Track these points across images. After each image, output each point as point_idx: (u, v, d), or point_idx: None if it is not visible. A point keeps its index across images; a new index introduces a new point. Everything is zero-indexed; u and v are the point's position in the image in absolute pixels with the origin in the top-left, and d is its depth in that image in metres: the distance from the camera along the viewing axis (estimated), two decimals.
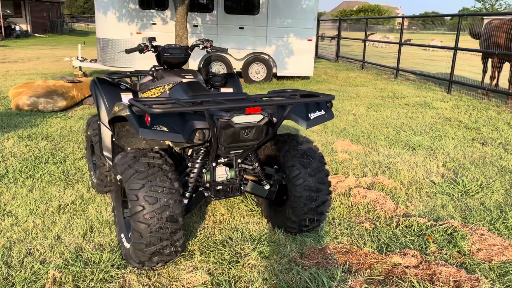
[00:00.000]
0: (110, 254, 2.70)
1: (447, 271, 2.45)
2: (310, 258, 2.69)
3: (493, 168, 4.55)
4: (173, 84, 3.18)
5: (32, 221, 3.16)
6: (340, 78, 11.57)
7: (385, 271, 2.55)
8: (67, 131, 5.63)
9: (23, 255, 2.70)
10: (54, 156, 4.60)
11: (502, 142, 5.56)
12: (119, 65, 10.45)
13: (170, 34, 10.32)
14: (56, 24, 34.08)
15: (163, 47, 3.41)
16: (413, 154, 4.97)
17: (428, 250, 2.79)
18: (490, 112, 7.40)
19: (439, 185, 4.02)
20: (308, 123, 2.70)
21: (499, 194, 3.85)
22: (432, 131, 6.05)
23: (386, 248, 2.83)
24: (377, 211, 3.39)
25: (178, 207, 2.45)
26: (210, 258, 2.70)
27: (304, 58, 10.69)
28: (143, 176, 2.42)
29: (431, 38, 28.32)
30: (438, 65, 16.26)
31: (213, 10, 10.24)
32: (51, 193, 3.67)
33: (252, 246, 2.82)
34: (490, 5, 61.82)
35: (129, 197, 2.41)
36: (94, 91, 3.43)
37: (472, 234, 2.96)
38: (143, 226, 2.36)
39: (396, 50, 24.23)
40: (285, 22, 10.46)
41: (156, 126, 2.30)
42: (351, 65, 15.21)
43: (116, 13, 10.15)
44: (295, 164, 2.86)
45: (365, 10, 76.53)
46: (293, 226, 2.95)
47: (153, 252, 2.43)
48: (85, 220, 3.18)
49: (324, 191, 2.88)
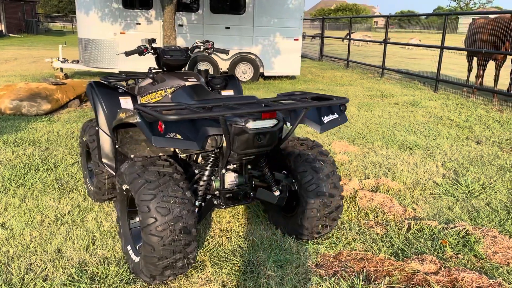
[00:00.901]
0: (117, 268, 2.56)
1: (468, 277, 2.40)
2: (326, 267, 2.61)
3: (491, 167, 4.56)
4: (176, 87, 3.05)
5: (28, 233, 2.99)
6: (326, 78, 11.56)
7: (404, 278, 2.49)
8: (54, 136, 5.42)
9: (23, 271, 2.53)
10: (44, 163, 4.41)
11: (495, 140, 5.60)
12: (102, 66, 10.20)
13: (155, 34, 10.13)
14: (31, 24, 33.21)
15: (162, 49, 3.27)
16: (411, 154, 4.95)
17: (444, 255, 2.75)
18: (479, 110, 7.47)
19: (442, 185, 4.00)
20: (322, 127, 2.61)
21: (502, 194, 3.85)
22: (425, 130, 6.06)
23: (402, 253, 2.77)
24: (385, 214, 3.33)
25: (191, 218, 2.33)
26: (222, 270, 2.59)
27: (291, 57, 10.63)
28: (154, 186, 2.30)
29: (410, 37, 28.72)
30: (420, 64, 16.47)
31: (199, 9, 10.09)
32: (45, 203, 3.49)
33: (265, 255, 2.72)
34: (464, 4, 63.09)
35: (140, 209, 2.28)
36: (92, 95, 3.27)
37: (485, 236, 2.93)
38: (156, 239, 2.24)
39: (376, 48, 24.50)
40: (271, 21, 10.38)
41: (169, 133, 2.17)
42: (335, 64, 15.24)
43: (99, 13, 9.89)
44: (307, 169, 2.77)
45: (343, 9, 77.17)
46: (305, 233, 2.86)
47: (166, 265, 2.31)
48: (85, 232, 3.02)
49: (336, 196, 2.81)
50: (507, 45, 8.16)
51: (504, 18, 8.40)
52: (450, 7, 65.86)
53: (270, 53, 10.54)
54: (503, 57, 8.55)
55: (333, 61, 16.33)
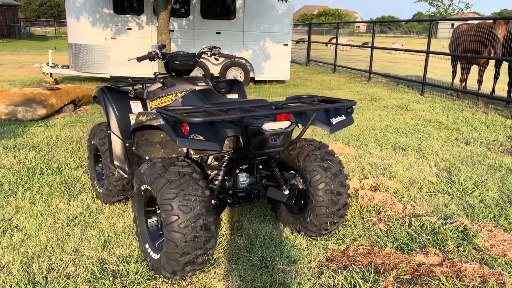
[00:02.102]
0: (136, 265, 2.66)
1: (471, 267, 2.57)
2: (337, 261, 2.75)
3: (482, 167, 4.78)
4: (186, 91, 3.17)
5: (44, 235, 3.06)
6: (315, 82, 11.77)
7: (410, 270, 2.64)
8: (54, 141, 5.45)
9: (45, 270, 2.61)
10: (48, 167, 4.45)
11: (483, 141, 5.84)
12: (93, 71, 10.22)
13: (146, 39, 10.21)
14: (13, 28, 32.81)
15: (171, 54, 3.39)
16: (405, 155, 5.14)
17: (446, 248, 2.91)
18: (465, 112, 7.74)
19: (437, 184, 4.19)
20: (331, 128, 2.76)
21: (493, 191, 4.05)
22: (416, 132, 6.28)
23: (406, 247, 2.93)
24: (387, 212, 3.49)
25: (211, 215, 2.45)
26: (238, 265, 2.70)
27: (281, 62, 10.81)
28: (175, 185, 2.40)
29: (392, 42, 29.26)
30: (404, 68, 16.84)
31: (190, 15, 10.20)
32: (55, 205, 3.56)
33: (277, 251, 2.84)
34: (444, 9, 64.49)
35: (163, 207, 2.38)
36: (103, 99, 3.36)
37: (482, 230, 3.11)
38: (178, 236, 2.34)
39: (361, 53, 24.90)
40: (261, 26, 10.55)
41: (192, 135, 2.29)
42: (322, 69, 15.49)
43: (90, 18, 9.92)
44: (316, 169, 2.91)
45: (325, 14, 78.12)
46: (313, 230, 2.99)
47: (187, 261, 2.41)
48: (99, 232, 3.10)
49: (344, 194, 2.95)
50: (489, 49, 8.48)
51: (486, 24, 8.72)
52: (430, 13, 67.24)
53: (261, 58, 10.70)
54: (486, 61, 8.87)
55: (319, 66, 16.59)
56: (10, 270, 2.61)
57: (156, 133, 2.97)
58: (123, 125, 3.32)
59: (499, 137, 6.09)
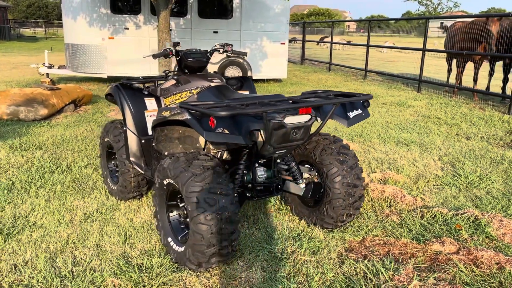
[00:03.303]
0: (159, 259, 2.70)
1: (487, 255, 2.65)
2: (356, 251, 2.81)
3: (484, 160, 4.88)
4: (201, 88, 3.21)
5: (63, 231, 3.08)
6: (312, 80, 11.86)
7: (428, 259, 2.72)
8: (59, 140, 5.46)
9: (70, 265, 2.64)
10: (57, 166, 4.47)
11: (483, 136, 5.96)
12: (90, 71, 10.20)
13: (144, 38, 10.21)
14: (3, 30, 32.49)
15: (184, 51, 3.43)
16: (408, 150, 5.23)
17: (460, 237, 2.99)
18: (462, 108, 7.87)
19: (444, 177, 4.28)
20: (349, 121, 2.82)
21: (499, 183, 4.15)
22: (417, 128, 6.38)
23: (422, 237, 3.01)
24: (398, 204, 3.56)
25: (235, 208, 2.50)
26: (259, 257, 2.75)
27: (278, 61, 10.87)
28: (201, 179, 2.45)
29: (384, 40, 29.48)
30: (397, 66, 17.01)
31: (187, 14, 10.22)
32: (70, 203, 3.58)
33: (297, 243, 2.90)
34: (433, 8, 65.12)
35: (188, 200, 2.43)
36: (119, 97, 3.40)
37: (493, 220, 3.20)
38: (205, 228, 2.39)
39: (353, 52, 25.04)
40: (258, 25, 10.60)
41: (219, 128, 2.34)
42: (317, 68, 15.59)
43: (87, 18, 9.90)
44: (333, 162, 2.97)
45: (315, 14, 78.42)
46: (330, 222, 3.05)
47: (213, 253, 2.46)
48: (118, 228, 3.13)
49: (360, 186, 3.02)
50: (483, 46, 8.62)
51: (480, 21, 8.87)
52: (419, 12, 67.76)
53: (258, 56, 10.75)
54: (481, 58, 9.02)
55: (314, 65, 16.69)
56: (34, 265, 2.64)
57: (175, 128, 3.01)
58: (139, 121, 3.36)
59: (498, 131, 6.21)
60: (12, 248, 2.84)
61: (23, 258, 2.72)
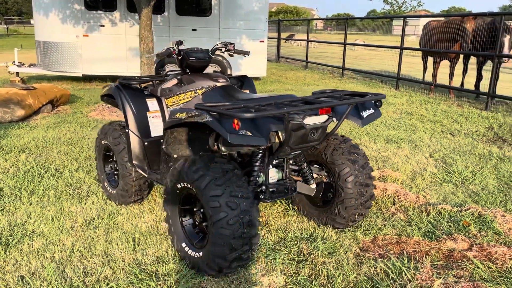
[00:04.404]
0: (174, 265, 2.61)
1: (500, 250, 2.70)
2: (371, 251, 2.81)
3: (473, 156, 5.01)
4: (206, 88, 3.14)
5: (66, 239, 2.94)
6: (290, 78, 11.88)
7: (443, 256, 2.75)
8: (42, 142, 5.23)
9: (81, 274, 2.51)
10: (46, 170, 4.27)
11: (467, 132, 6.12)
12: (64, 69, 9.85)
13: (120, 36, 9.94)
14: None
15: (186, 51, 3.34)
16: (399, 148, 5.30)
17: (470, 234, 3.04)
18: (442, 105, 8.07)
19: (439, 174, 4.36)
20: (363, 121, 2.81)
21: (491, 179, 4.26)
22: (403, 125, 6.48)
23: (433, 235, 3.04)
24: (402, 202, 3.60)
25: (255, 211, 2.45)
26: (276, 260, 2.71)
27: (257, 59, 10.81)
28: (221, 182, 2.38)
29: (355, 38, 29.94)
30: (370, 63, 17.29)
31: (165, 11, 10.02)
32: (67, 209, 3.43)
33: (311, 245, 2.87)
34: (397, 7, 66.74)
35: (209, 204, 2.35)
36: (120, 98, 3.27)
37: (496, 216, 3.27)
38: (228, 232, 2.32)
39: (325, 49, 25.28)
40: (237, 23, 10.52)
41: (241, 131, 2.27)
42: (293, 65, 15.65)
43: (59, 15, 9.54)
44: (345, 162, 2.96)
45: (284, 11, 78.79)
46: (342, 222, 3.04)
47: (235, 257, 2.40)
48: (124, 234, 3.02)
49: (371, 186, 3.02)
50: (458, 44, 8.87)
51: (455, 20, 9.12)
52: (385, 10, 69.31)
53: (238, 55, 10.65)
54: (456, 56, 9.27)
55: (288, 62, 16.75)
56: (42, 276, 2.50)
57: (185, 130, 2.92)
58: (141, 123, 3.25)
59: (480, 128, 6.40)
60: (14, 258, 2.69)
61: (29, 269, 2.57)
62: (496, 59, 7.73)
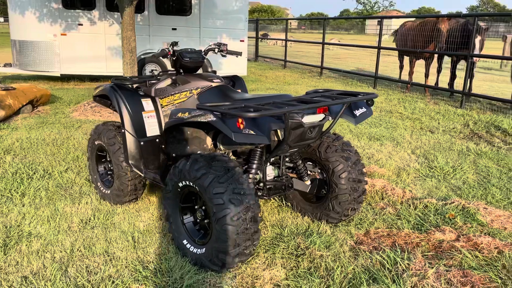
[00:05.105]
0: (177, 262, 2.66)
1: (486, 240, 2.87)
2: (365, 244, 2.93)
3: (452, 152, 5.22)
4: (202, 88, 3.20)
5: (64, 239, 2.95)
6: (270, 77, 11.99)
7: (432, 247, 2.89)
8: (27, 144, 5.16)
9: (85, 273, 2.54)
10: (34, 171, 4.24)
11: (445, 129, 6.36)
12: (41, 69, 9.67)
13: (99, 35, 9.83)
14: None
15: (180, 51, 3.39)
16: (382, 145, 5.47)
17: (456, 225, 3.21)
18: (419, 103, 8.32)
19: (422, 170, 4.53)
20: (356, 119, 2.93)
21: (471, 173, 4.47)
22: (383, 123, 6.68)
23: (422, 227, 3.19)
24: (390, 197, 3.74)
25: (257, 207, 2.53)
26: (276, 254, 2.80)
27: (238, 58, 10.85)
28: (224, 180, 2.45)
29: (330, 38, 30.30)
30: (346, 63, 17.57)
31: (144, 10, 9.96)
32: (62, 209, 3.42)
33: (308, 239, 2.97)
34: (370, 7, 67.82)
35: (213, 201, 2.42)
36: (115, 98, 3.29)
37: (479, 208, 3.45)
38: (231, 228, 2.40)
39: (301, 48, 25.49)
40: (217, 23, 10.56)
41: (245, 130, 2.35)
42: (272, 65, 15.77)
43: (36, 13, 9.36)
44: (338, 159, 3.08)
45: (258, 11, 78.88)
46: (335, 217, 3.16)
47: (238, 253, 2.47)
48: (123, 233, 3.05)
49: (363, 181, 3.15)
50: (433, 44, 9.17)
51: (430, 21, 9.41)
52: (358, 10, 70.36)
53: (218, 54, 10.68)
54: (431, 56, 9.57)
55: (267, 62, 16.87)
56: (45, 276, 2.51)
57: (183, 130, 2.97)
58: (137, 123, 3.27)
59: (456, 125, 6.65)
60: (14, 260, 2.68)
61: (31, 270, 2.58)
62: (469, 58, 8.03)
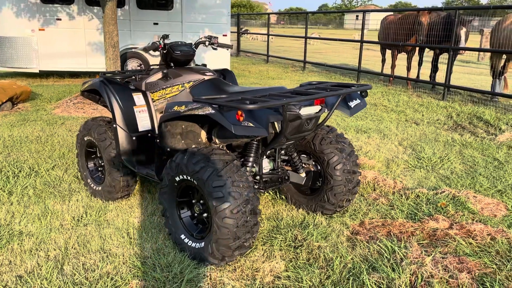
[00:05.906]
0: (175, 257, 2.63)
1: (478, 227, 2.93)
2: (361, 234, 2.96)
3: (438, 143, 5.31)
4: (194, 81, 3.17)
5: (57, 237, 2.89)
6: (253, 72, 11.97)
7: (427, 236, 2.94)
8: (9, 141, 5.03)
9: (82, 271, 2.49)
10: (19, 169, 4.13)
11: (429, 121, 6.46)
12: (19, 65, 9.42)
13: (78, 30, 9.63)
14: None
15: (170, 44, 3.35)
16: (369, 137, 5.52)
17: (448, 214, 3.26)
18: (402, 96, 8.43)
19: (411, 161, 4.60)
20: (351, 111, 2.94)
21: (458, 164, 4.55)
22: (369, 116, 6.74)
23: (415, 216, 3.23)
24: (382, 188, 3.78)
25: (256, 200, 2.52)
26: (274, 246, 2.80)
27: (221, 52, 10.79)
28: (224, 173, 2.43)
29: (310, 32, 30.44)
30: (326, 57, 17.67)
31: (125, 5, 9.79)
32: (52, 207, 3.35)
33: (305, 231, 2.98)
34: (348, 1, 68.41)
35: (212, 195, 2.40)
36: (106, 92, 3.23)
37: (468, 197, 3.52)
38: (231, 221, 2.38)
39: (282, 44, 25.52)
40: (199, 17, 10.46)
41: (244, 122, 2.33)
42: (254, 59, 15.74)
43: (13, 8, 9.11)
44: (333, 151, 3.09)
45: (237, 5, 78.56)
46: (330, 208, 3.18)
47: (238, 246, 2.46)
48: (117, 230, 3.00)
49: (357, 173, 3.17)
50: (415, 37, 9.29)
51: (412, 15, 9.52)
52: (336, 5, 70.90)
53: (201, 48, 10.60)
54: (412, 48, 9.70)
55: (249, 56, 16.82)
56: (41, 274, 2.46)
57: (178, 124, 2.94)
58: (129, 118, 3.22)
59: (440, 117, 6.76)
60: (7, 259, 2.61)
61: (25, 268, 2.51)
62: (451, 51, 8.16)
